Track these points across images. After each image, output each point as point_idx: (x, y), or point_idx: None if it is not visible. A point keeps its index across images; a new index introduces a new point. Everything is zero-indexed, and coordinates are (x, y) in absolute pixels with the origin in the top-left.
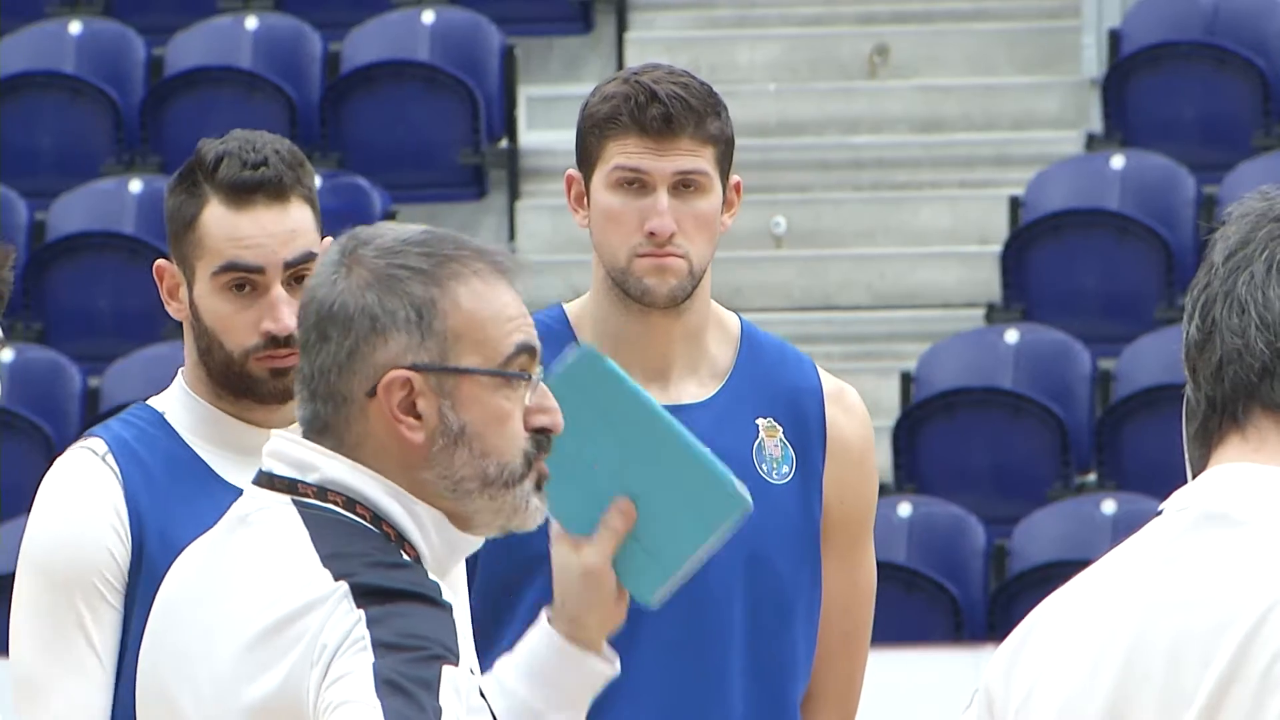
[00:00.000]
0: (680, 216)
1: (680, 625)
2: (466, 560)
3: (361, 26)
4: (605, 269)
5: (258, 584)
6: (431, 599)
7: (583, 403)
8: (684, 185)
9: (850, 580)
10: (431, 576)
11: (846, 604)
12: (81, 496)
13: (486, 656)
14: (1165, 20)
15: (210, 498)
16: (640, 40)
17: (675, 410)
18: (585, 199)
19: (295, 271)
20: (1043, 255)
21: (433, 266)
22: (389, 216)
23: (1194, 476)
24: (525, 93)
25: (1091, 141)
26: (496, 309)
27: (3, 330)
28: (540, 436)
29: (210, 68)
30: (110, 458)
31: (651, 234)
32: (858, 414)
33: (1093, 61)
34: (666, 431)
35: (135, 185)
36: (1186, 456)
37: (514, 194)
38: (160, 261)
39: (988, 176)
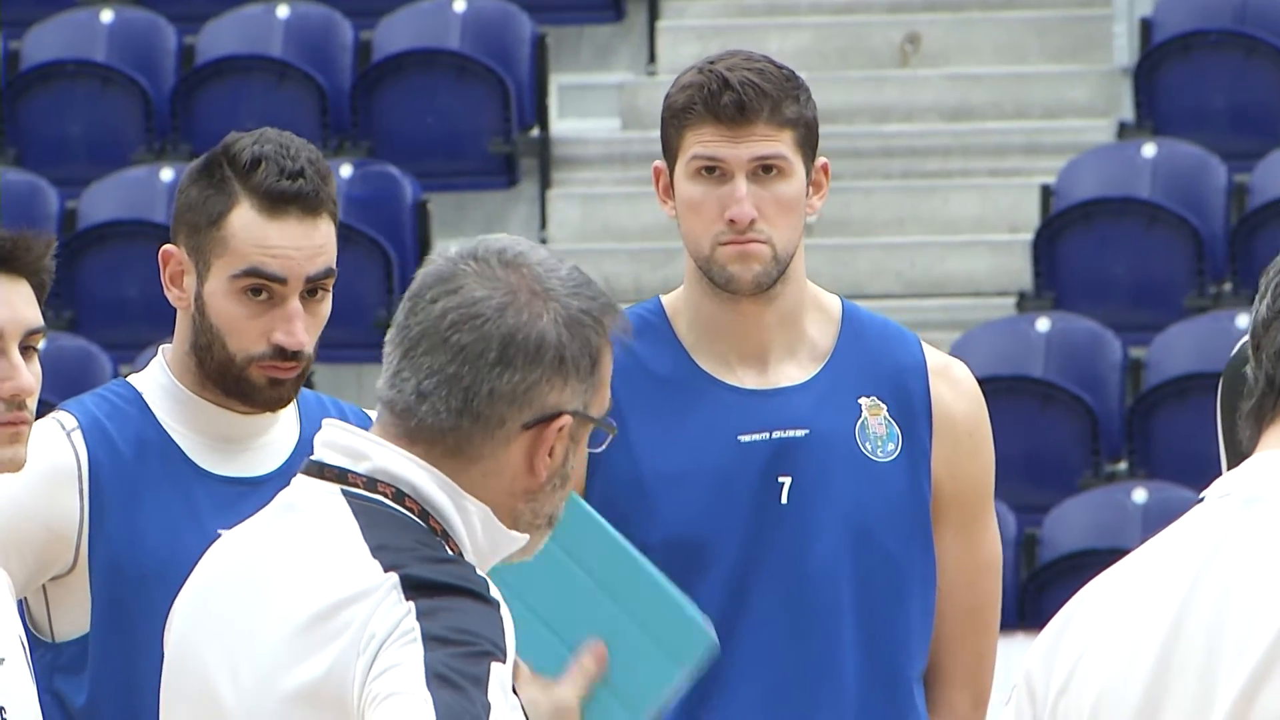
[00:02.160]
0: (761, 202)
1: (789, 606)
2: None
3: (393, 15)
4: (692, 258)
5: (305, 571)
6: (481, 595)
7: (555, 544)
8: (763, 170)
9: (970, 556)
10: (480, 572)
11: (969, 580)
12: (29, 469)
13: None
14: (1196, 9)
15: (180, 482)
16: (671, 29)
17: (775, 394)
18: (672, 190)
19: (312, 285)
20: (1073, 244)
21: (600, 315)
22: (420, 205)
23: (1236, 455)
24: (556, 81)
25: (1122, 130)
26: (611, 364)
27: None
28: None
29: (241, 56)
30: (77, 434)
31: (732, 221)
32: (965, 388)
33: (1124, 50)
34: (637, 570)
35: (166, 174)
36: (1221, 438)
37: (545, 183)
38: (167, 247)
39: (1018, 165)
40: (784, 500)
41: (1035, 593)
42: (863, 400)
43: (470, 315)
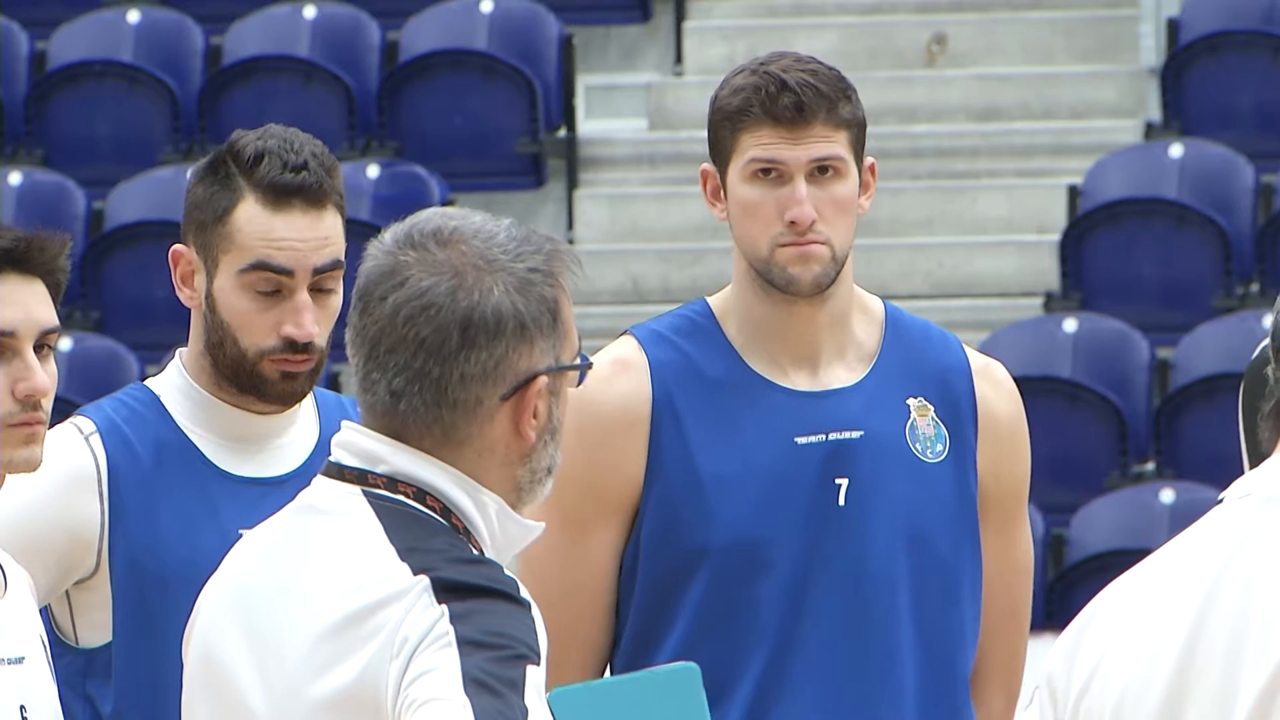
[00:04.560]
0: (819, 203)
1: (846, 609)
2: (625, 557)
3: (420, 15)
4: (748, 260)
5: (333, 575)
6: (512, 597)
7: (655, 708)
8: (820, 171)
9: (1008, 556)
10: (508, 572)
11: (1006, 580)
12: (49, 475)
13: (648, 655)
14: (1223, 9)
15: (199, 483)
16: (698, 29)
17: (826, 396)
18: (721, 192)
19: (321, 278)
20: (1101, 244)
21: (547, 265)
22: (447, 205)
23: (1257, 456)
24: (583, 82)
25: (1150, 130)
26: (571, 303)
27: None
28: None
29: (268, 56)
30: (95, 438)
31: (792, 223)
32: (1006, 388)
33: (1151, 50)
34: (604, 689)
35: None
36: (1243, 438)
37: (572, 183)
38: (177, 247)
39: (1046, 165)
40: (842, 502)
41: (1063, 593)
42: (911, 401)
43: (423, 307)
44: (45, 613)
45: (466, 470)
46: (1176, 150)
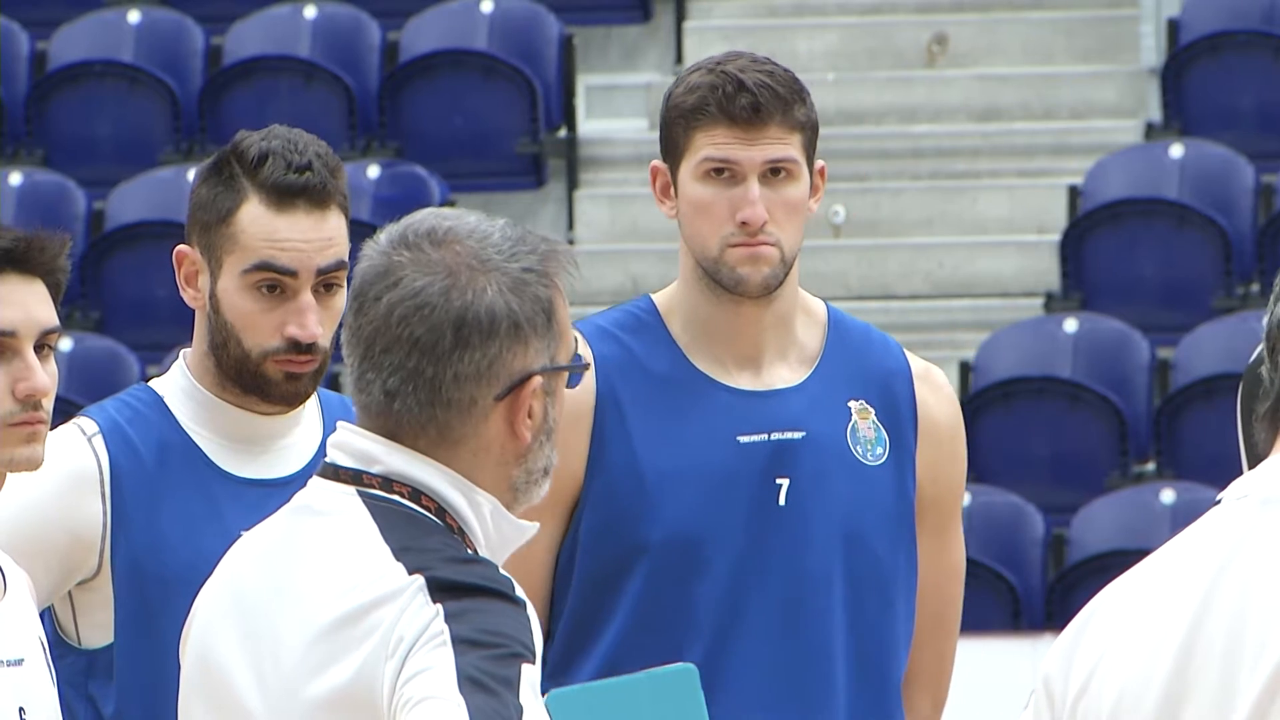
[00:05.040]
0: (771, 205)
1: (783, 608)
2: (562, 551)
3: (420, 15)
4: (696, 259)
5: (328, 576)
6: (507, 595)
7: (653, 709)
8: (773, 173)
9: (941, 561)
10: (503, 571)
11: (938, 584)
12: (51, 475)
13: (587, 652)
14: (1224, 9)
15: (202, 484)
16: (698, 29)
17: (769, 396)
18: (672, 189)
19: (325, 279)
20: (1101, 244)
21: (542, 265)
22: (447, 205)
23: (1254, 457)
24: (584, 82)
25: (1150, 130)
26: (567, 301)
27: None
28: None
29: (269, 57)
30: (98, 439)
31: (744, 223)
32: (945, 393)
33: (1151, 51)
34: (606, 689)
35: (193, 175)
36: (1241, 439)
37: (572, 183)
38: (181, 247)
39: (1046, 166)
40: (782, 502)
41: (1063, 593)
42: (852, 404)
43: (417, 306)
44: (48, 613)
45: (462, 470)
46: (1177, 150)
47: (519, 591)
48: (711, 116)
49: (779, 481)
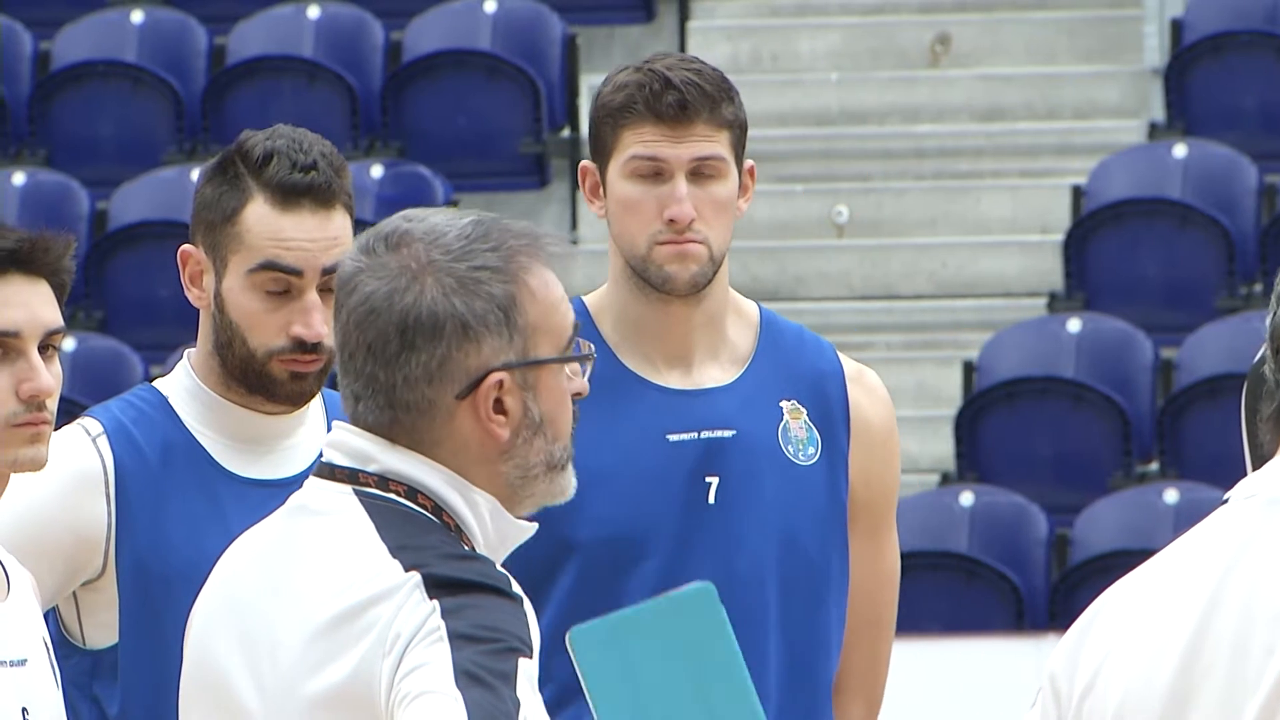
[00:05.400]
0: (698, 203)
1: None
2: None
3: (423, 15)
4: (624, 258)
5: (325, 574)
6: (504, 591)
7: (676, 632)
8: (701, 172)
9: (874, 564)
10: (499, 568)
11: (870, 588)
12: (56, 476)
13: None
14: (1227, 10)
15: (206, 485)
16: (702, 29)
17: (699, 395)
18: (601, 189)
19: (329, 279)
20: (1104, 244)
21: (504, 262)
22: (450, 205)
23: (1259, 458)
24: (587, 82)
25: (1153, 130)
26: (556, 293)
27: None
28: (574, 405)
29: (272, 56)
30: (102, 439)
31: (671, 221)
32: (879, 395)
33: (1154, 51)
34: (744, 689)
35: (196, 175)
36: (1245, 441)
37: (576, 183)
38: (185, 247)
39: (1049, 166)
40: (711, 500)
41: (1066, 593)
42: (784, 404)
43: (367, 312)
44: (53, 614)
45: (451, 468)
46: (1180, 150)
47: (516, 587)
48: (639, 114)
49: (708, 480)
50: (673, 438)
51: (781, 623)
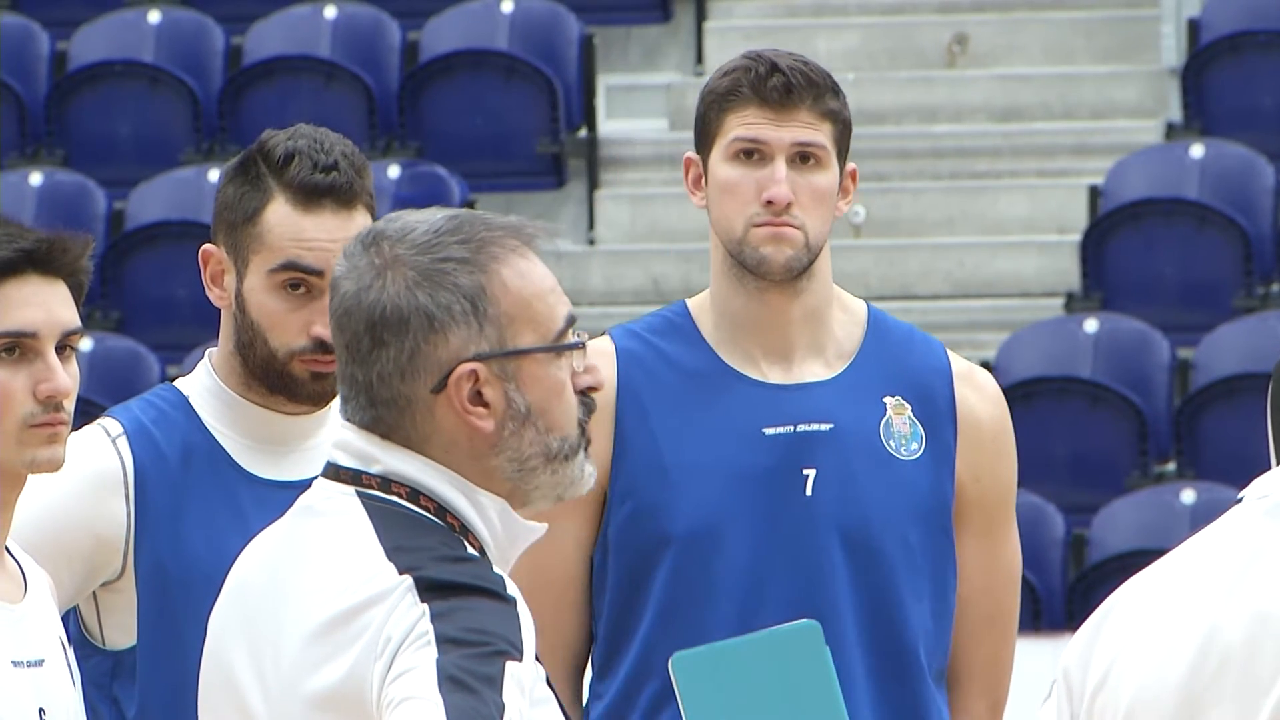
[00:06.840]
0: (797, 189)
1: (805, 597)
2: (596, 551)
3: (440, 15)
4: (722, 242)
5: (323, 576)
6: (496, 593)
7: (778, 667)
8: (801, 158)
9: (989, 562)
10: (496, 570)
11: (986, 585)
12: (75, 476)
13: (622, 648)
14: (1244, 9)
15: (226, 486)
16: (719, 29)
17: (797, 389)
18: (703, 180)
19: None
20: (1122, 244)
21: (472, 253)
22: (468, 205)
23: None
24: (604, 82)
25: (1170, 131)
26: (539, 283)
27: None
28: (587, 399)
29: (289, 56)
30: (122, 440)
31: (769, 203)
32: (989, 393)
33: (1172, 51)
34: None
35: (214, 175)
36: (1272, 439)
37: (593, 183)
38: (207, 246)
39: (1067, 166)
40: (809, 492)
41: (1083, 593)
42: (887, 399)
43: (341, 313)
44: (74, 614)
45: (446, 464)
46: (1197, 150)
47: (510, 589)
48: (744, 97)
49: (805, 472)
50: (769, 431)
51: (872, 612)
